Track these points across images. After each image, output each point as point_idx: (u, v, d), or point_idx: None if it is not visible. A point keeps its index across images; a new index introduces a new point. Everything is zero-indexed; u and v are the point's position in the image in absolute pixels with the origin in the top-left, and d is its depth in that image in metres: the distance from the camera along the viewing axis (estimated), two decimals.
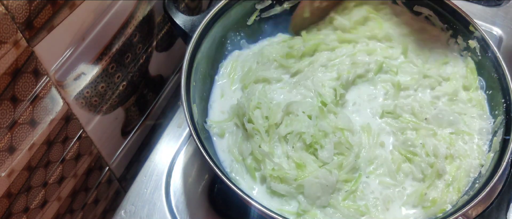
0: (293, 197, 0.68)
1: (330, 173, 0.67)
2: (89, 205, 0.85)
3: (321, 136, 0.70)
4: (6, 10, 0.53)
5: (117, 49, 0.78)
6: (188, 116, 0.66)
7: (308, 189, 0.66)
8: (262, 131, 0.71)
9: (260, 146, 0.70)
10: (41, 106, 0.64)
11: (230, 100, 0.78)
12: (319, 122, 0.71)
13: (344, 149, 0.70)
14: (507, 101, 0.72)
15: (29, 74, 0.60)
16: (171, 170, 0.78)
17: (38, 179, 0.68)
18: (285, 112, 0.72)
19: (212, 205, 0.76)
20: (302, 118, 0.71)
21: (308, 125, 0.71)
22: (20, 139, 0.62)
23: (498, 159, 0.67)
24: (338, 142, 0.70)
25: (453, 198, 0.68)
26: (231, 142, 0.73)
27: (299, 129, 0.70)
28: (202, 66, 0.76)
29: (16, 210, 0.66)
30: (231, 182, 0.62)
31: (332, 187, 0.67)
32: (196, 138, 0.65)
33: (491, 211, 0.71)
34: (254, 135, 0.71)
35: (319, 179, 0.66)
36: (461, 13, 0.78)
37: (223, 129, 0.74)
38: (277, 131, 0.71)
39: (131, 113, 0.89)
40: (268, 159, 0.69)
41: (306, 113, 0.72)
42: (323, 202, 0.67)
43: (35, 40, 0.59)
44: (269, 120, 0.71)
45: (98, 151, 0.82)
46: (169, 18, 0.78)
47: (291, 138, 0.70)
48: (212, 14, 0.76)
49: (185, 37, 0.77)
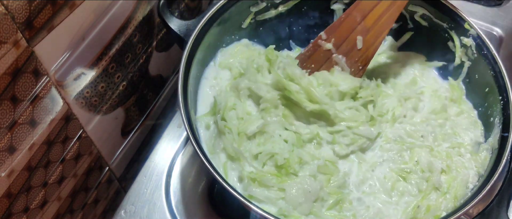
0: (272, 203, 0.64)
1: (314, 179, 0.65)
2: (89, 205, 0.85)
3: (296, 161, 0.66)
4: (6, 10, 0.53)
5: (117, 49, 0.78)
6: (186, 121, 0.65)
7: (289, 193, 0.63)
8: (235, 131, 0.68)
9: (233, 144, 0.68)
10: (41, 106, 0.64)
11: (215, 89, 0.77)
12: (296, 149, 0.68)
13: (332, 172, 0.68)
14: (504, 98, 0.71)
15: (29, 74, 0.60)
16: (171, 170, 0.78)
17: (38, 179, 0.68)
18: (260, 130, 0.69)
19: (212, 205, 0.76)
20: (277, 140, 0.68)
21: (282, 148, 0.67)
22: (20, 139, 0.62)
23: (497, 156, 0.67)
24: (324, 166, 0.67)
25: (448, 205, 0.67)
26: (208, 136, 0.71)
27: (270, 149, 0.67)
28: (199, 71, 0.76)
29: (16, 210, 0.66)
30: (230, 187, 0.61)
31: (315, 195, 0.64)
32: (194, 143, 0.64)
33: (491, 209, 0.71)
34: (226, 133, 0.68)
35: (302, 184, 0.64)
36: (456, 11, 0.78)
37: (208, 122, 0.72)
38: (247, 146, 0.68)
39: (131, 113, 0.89)
40: (243, 159, 0.66)
41: (283, 137, 0.69)
42: (304, 210, 0.63)
43: (35, 40, 0.59)
44: (242, 123, 0.69)
45: (98, 151, 0.82)
46: (163, 23, 0.77)
47: (262, 157, 0.67)
48: (207, 18, 0.75)
49: (180, 42, 0.76)
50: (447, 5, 0.79)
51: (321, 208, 0.65)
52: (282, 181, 0.65)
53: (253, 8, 0.83)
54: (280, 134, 0.69)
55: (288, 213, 0.63)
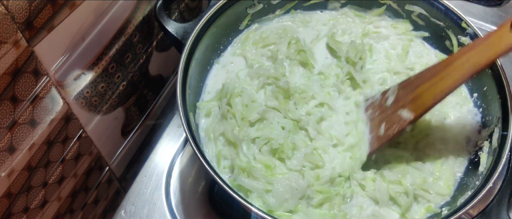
0: (259, 195, 0.65)
1: (301, 177, 0.66)
2: (89, 205, 0.85)
3: (289, 147, 0.68)
4: (6, 10, 0.53)
5: (117, 49, 0.78)
6: (185, 123, 0.65)
7: (276, 188, 0.65)
8: (238, 117, 0.71)
9: (234, 131, 0.70)
10: (41, 106, 0.64)
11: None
12: (292, 135, 0.70)
13: (317, 161, 0.69)
14: (502, 97, 0.71)
15: (29, 74, 0.60)
16: (171, 170, 0.78)
17: (38, 179, 0.68)
18: (261, 115, 0.72)
19: (212, 205, 0.76)
20: (275, 126, 0.71)
21: (278, 134, 0.70)
22: (20, 139, 0.62)
23: (497, 155, 0.67)
24: (310, 154, 0.69)
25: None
26: (210, 121, 0.73)
27: (268, 134, 0.69)
28: (197, 73, 0.76)
29: (16, 210, 0.66)
30: (230, 188, 0.61)
31: (302, 193, 0.65)
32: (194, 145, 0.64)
33: (492, 208, 0.71)
34: (229, 118, 0.71)
35: (290, 181, 0.65)
36: (453, 10, 0.79)
37: (210, 108, 0.74)
38: (248, 130, 0.71)
39: (131, 113, 0.89)
40: (239, 147, 0.68)
41: (280, 124, 0.71)
42: (290, 206, 0.65)
43: (35, 40, 0.59)
44: (246, 110, 0.72)
45: (98, 151, 0.82)
46: (161, 27, 0.77)
47: (259, 141, 0.70)
48: (204, 20, 0.75)
49: (178, 44, 0.76)
50: (444, 4, 0.79)
51: (307, 205, 0.66)
52: (271, 174, 0.67)
53: (250, 10, 0.83)
54: (278, 122, 0.71)
55: (274, 209, 0.65)
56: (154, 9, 0.78)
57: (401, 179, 0.68)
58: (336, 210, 0.67)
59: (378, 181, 0.69)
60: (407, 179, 0.68)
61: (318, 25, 0.87)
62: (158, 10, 0.77)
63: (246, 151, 0.69)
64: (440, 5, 0.80)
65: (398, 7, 0.85)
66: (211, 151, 0.71)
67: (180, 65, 0.71)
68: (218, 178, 0.61)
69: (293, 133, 0.71)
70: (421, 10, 0.83)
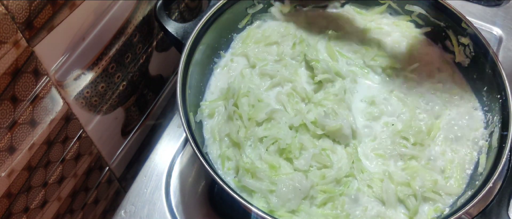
0: (263, 195, 0.65)
1: (305, 178, 0.66)
2: (89, 205, 0.85)
3: (297, 147, 0.68)
4: (6, 10, 0.53)
5: (117, 49, 0.78)
6: (185, 123, 0.66)
7: (280, 188, 0.65)
8: (245, 118, 0.71)
9: (239, 132, 0.70)
10: (41, 106, 0.64)
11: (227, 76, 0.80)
12: (300, 135, 0.70)
13: (326, 161, 0.69)
14: (502, 97, 0.71)
15: (29, 74, 0.60)
16: (171, 170, 0.78)
17: (38, 179, 0.68)
18: (269, 115, 0.71)
19: (212, 205, 0.76)
20: (283, 126, 0.71)
21: (286, 133, 0.70)
22: (20, 139, 0.62)
23: (497, 155, 0.67)
24: (319, 154, 0.69)
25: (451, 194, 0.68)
26: (216, 122, 0.73)
27: (275, 134, 0.69)
28: (197, 73, 0.76)
29: (16, 210, 0.66)
30: (230, 189, 0.61)
31: (305, 193, 0.65)
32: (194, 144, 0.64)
33: (492, 208, 0.71)
34: (235, 119, 0.71)
35: (293, 181, 0.65)
36: (453, 10, 0.79)
37: (213, 109, 0.74)
38: (255, 130, 0.71)
39: (131, 113, 0.89)
40: (243, 149, 0.68)
41: (288, 124, 0.71)
42: (292, 206, 0.64)
43: (35, 40, 0.59)
44: (253, 110, 0.72)
45: (98, 151, 0.82)
46: (160, 27, 0.77)
47: (266, 141, 0.69)
48: (204, 20, 0.76)
49: (178, 44, 0.76)
50: (444, 4, 0.79)
51: (310, 205, 0.66)
52: (276, 174, 0.66)
53: (250, 10, 0.83)
54: (286, 121, 0.71)
55: (276, 209, 0.64)
56: (154, 9, 0.78)
57: (410, 181, 0.68)
58: (339, 210, 0.66)
59: (386, 182, 0.68)
60: (417, 181, 0.67)
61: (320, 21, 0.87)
62: (158, 10, 0.78)
63: (251, 152, 0.69)
64: (440, 5, 0.80)
65: (398, 7, 0.86)
66: (215, 152, 0.70)
67: (180, 65, 0.71)
68: (218, 178, 0.61)
69: (302, 134, 0.71)
70: (421, 10, 0.83)
